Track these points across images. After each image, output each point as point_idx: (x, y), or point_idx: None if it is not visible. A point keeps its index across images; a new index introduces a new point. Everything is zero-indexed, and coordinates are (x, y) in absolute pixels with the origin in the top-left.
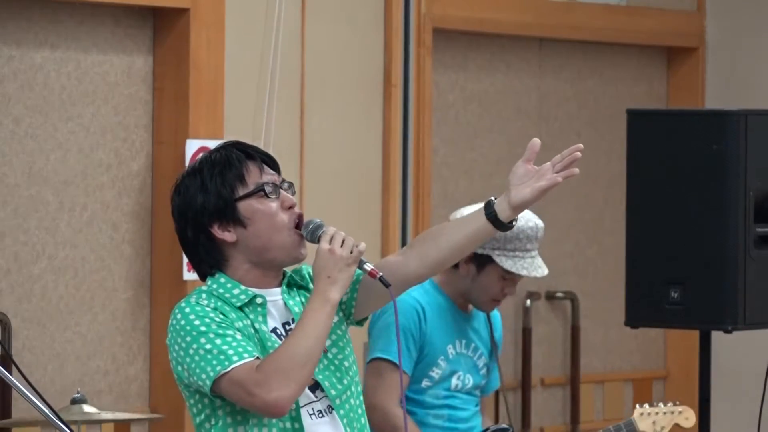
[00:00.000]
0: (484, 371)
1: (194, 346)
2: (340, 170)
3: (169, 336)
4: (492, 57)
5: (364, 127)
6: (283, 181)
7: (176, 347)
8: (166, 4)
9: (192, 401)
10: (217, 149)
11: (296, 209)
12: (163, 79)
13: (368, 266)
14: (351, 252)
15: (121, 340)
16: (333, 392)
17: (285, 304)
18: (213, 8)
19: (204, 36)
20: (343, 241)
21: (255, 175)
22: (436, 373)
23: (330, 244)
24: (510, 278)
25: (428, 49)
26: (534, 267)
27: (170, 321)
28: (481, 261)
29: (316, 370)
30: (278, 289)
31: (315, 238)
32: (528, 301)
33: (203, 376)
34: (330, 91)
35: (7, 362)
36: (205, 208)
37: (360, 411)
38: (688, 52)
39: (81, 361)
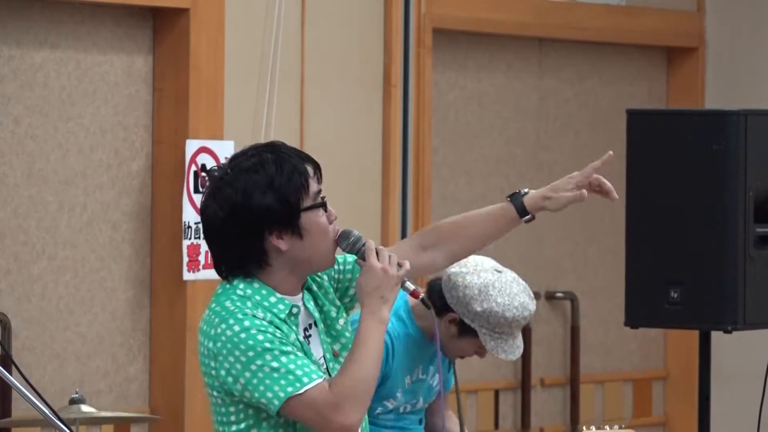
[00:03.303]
0: (437, 387)
1: (258, 362)
2: (340, 170)
3: (220, 345)
4: (492, 57)
5: (364, 127)
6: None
7: (232, 359)
8: (166, 4)
9: (231, 409)
10: (272, 149)
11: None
12: (163, 79)
13: (410, 286)
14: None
15: (121, 340)
16: None
17: (306, 307)
18: (213, 8)
19: (204, 36)
20: (390, 258)
21: (314, 185)
22: (391, 403)
23: (381, 262)
24: (484, 350)
25: (428, 49)
26: (513, 349)
27: (220, 329)
28: (464, 329)
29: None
30: (301, 294)
31: (356, 251)
32: None
33: (269, 395)
34: (330, 91)
35: (7, 362)
36: (269, 213)
37: None
38: (688, 52)
39: (81, 361)
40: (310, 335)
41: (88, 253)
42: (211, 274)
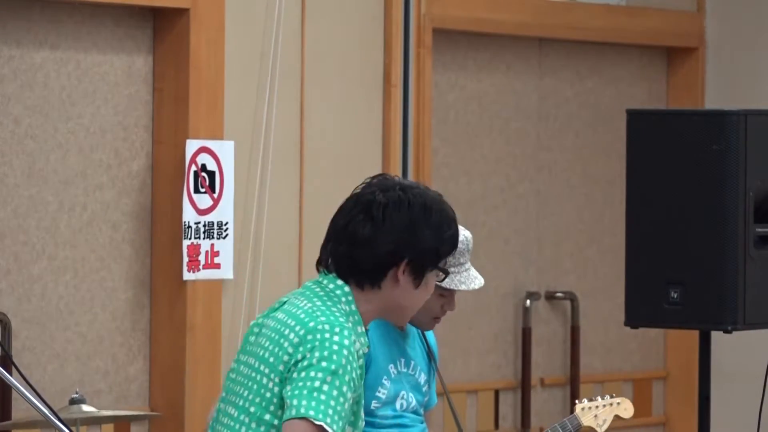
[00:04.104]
0: (425, 388)
1: (320, 374)
2: (339, 170)
3: (311, 338)
4: (492, 57)
5: (364, 127)
6: None
7: (309, 356)
8: (166, 4)
9: (274, 400)
10: (448, 209)
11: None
12: (163, 79)
13: None
14: None
15: (121, 340)
16: None
17: None
18: (213, 8)
19: (204, 36)
20: None
21: (450, 258)
22: (382, 394)
23: None
24: (448, 295)
25: (428, 49)
26: (470, 279)
27: (321, 327)
28: None
29: None
30: None
31: None
32: (528, 301)
33: (295, 402)
34: (330, 91)
35: (7, 362)
36: (421, 250)
37: None
38: (688, 52)
39: (81, 361)
40: None
41: (88, 253)
42: (211, 274)
